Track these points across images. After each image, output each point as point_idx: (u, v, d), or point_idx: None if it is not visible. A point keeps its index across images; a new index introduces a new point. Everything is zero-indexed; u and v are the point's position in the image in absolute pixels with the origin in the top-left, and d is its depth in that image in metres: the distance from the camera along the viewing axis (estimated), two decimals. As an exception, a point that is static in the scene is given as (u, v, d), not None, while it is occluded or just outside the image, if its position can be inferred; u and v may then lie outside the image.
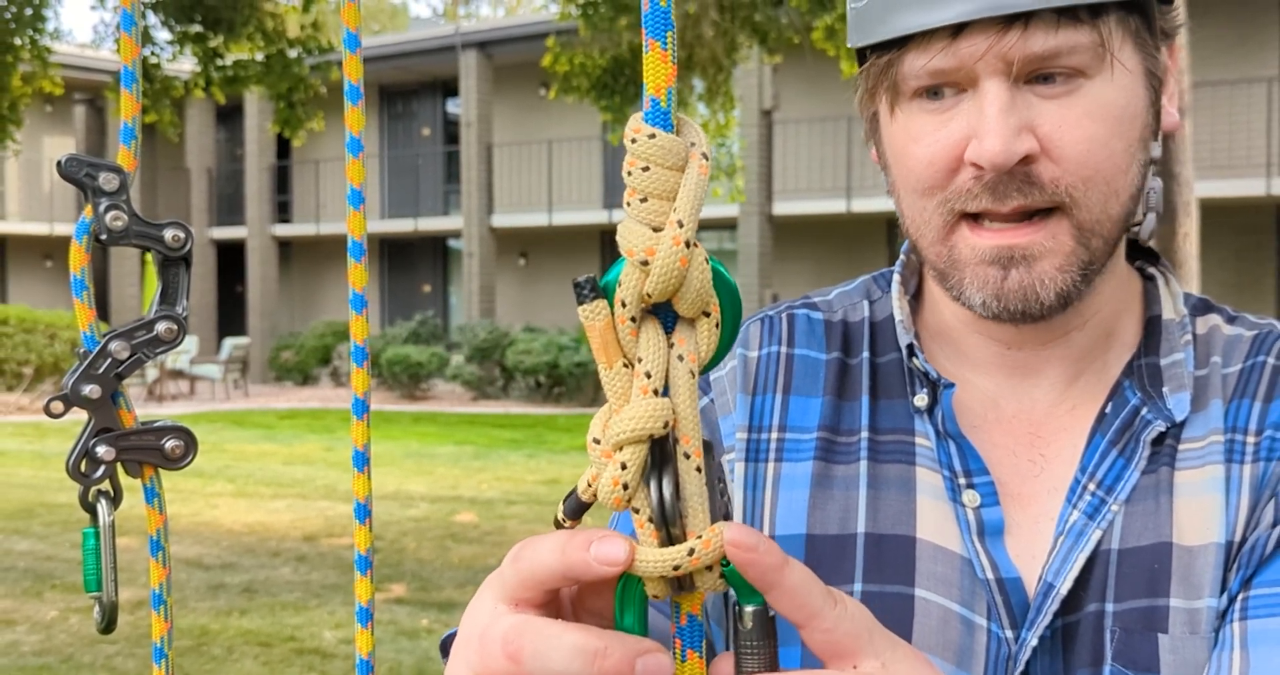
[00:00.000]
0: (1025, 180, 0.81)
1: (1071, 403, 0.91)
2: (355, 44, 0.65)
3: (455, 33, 22.64)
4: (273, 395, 21.36)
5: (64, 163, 0.61)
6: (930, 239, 0.86)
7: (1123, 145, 0.83)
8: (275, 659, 5.60)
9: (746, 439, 0.94)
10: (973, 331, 0.93)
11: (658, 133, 0.54)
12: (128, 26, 0.62)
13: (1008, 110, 0.80)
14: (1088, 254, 0.83)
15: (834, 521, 0.90)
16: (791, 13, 10.31)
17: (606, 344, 0.54)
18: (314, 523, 8.96)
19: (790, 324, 0.98)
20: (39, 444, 14.09)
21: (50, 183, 26.15)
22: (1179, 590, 0.83)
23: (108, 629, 0.63)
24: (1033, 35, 0.79)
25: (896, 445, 0.92)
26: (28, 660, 5.59)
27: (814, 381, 0.95)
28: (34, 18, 9.90)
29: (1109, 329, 0.92)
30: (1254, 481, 0.84)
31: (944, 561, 0.87)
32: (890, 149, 0.88)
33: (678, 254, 0.53)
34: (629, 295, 0.54)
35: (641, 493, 0.54)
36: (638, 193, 0.54)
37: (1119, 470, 0.86)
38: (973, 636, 0.85)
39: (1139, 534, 0.85)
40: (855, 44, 0.88)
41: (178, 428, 0.63)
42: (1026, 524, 0.88)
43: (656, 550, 0.54)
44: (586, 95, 11.11)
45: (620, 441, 0.53)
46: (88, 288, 0.61)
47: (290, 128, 10.90)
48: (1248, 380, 0.88)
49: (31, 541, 8.30)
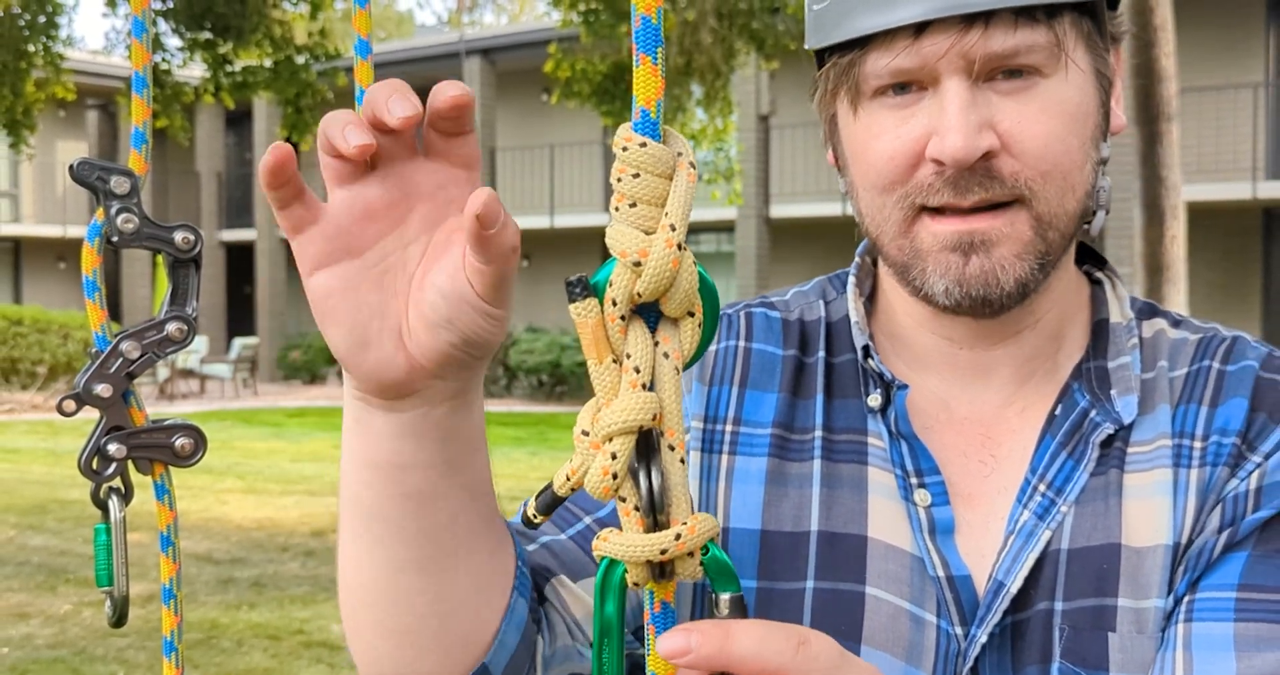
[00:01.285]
0: (986, 174, 0.81)
1: (1022, 404, 0.91)
2: (366, 50, 0.66)
3: (459, 40, 22.64)
4: (281, 394, 21.35)
5: (76, 167, 0.61)
6: (891, 234, 0.86)
7: (1077, 142, 0.83)
8: (283, 651, 5.60)
9: (702, 428, 0.94)
10: (926, 331, 0.92)
11: (648, 142, 0.55)
12: (139, 33, 0.62)
13: (969, 108, 0.80)
14: (1044, 245, 0.83)
15: (788, 518, 0.90)
16: (788, 20, 10.31)
17: (597, 341, 0.55)
18: (321, 518, 8.96)
19: (749, 321, 0.98)
20: (52, 441, 14.09)
21: (63, 186, 26.14)
22: (1127, 590, 0.83)
23: (119, 622, 0.63)
24: (993, 34, 0.79)
25: (850, 445, 0.91)
26: (41, 652, 5.59)
27: (770, 376, 0.95)
28: (47, 25, 9.91)
29: (1058, 331, 0.92)
30: (1200, 486, 0.84)
31: (895, 559, 0.87)
32: (850, 148, 0.88)
33: (670, 256, 0.54)
34: (620, 294, 0.55)
35: (628, 482, 0.55)
36: (627, 198, 0.55)
37: (1068, 471, 0.86)
38: (922, 633, 0.85)
39: (1088, 534, 0.84)
40: (816, 45, 0.88)
41: (187, 426, 0.63)
42: (977, 523, 0.87)
43: (644, 535, 0.55)
44: (588, 101, 11.11)
45: (610, 433, 0.54)
46: (100, 289, 0.61)
47: (298, 132, 10.90)
48: (1194, 385, 0.88)
49: (45, 537, 8.30)
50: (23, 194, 26.02)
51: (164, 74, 10.50)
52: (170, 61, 10.52)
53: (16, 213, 25.96)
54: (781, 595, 0.88)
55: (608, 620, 0.56)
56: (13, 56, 9.74)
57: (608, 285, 0.55)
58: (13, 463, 12.16)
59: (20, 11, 9.73)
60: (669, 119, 11.10)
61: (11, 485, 10.57)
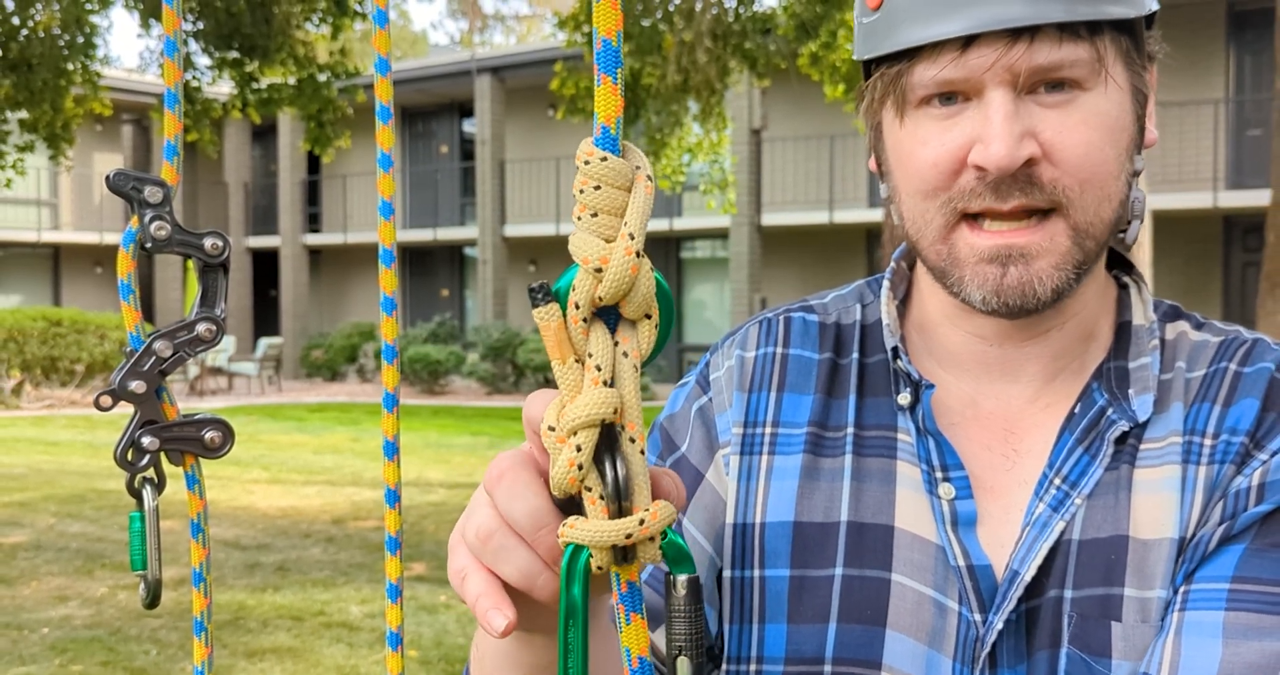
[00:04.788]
0: (1027, 181, 0.80)
1: (1046, 401, 0.90)
2: (385, 68, 0.65)
3: (471, 59, 22.62)
4: (304, 390, 21.34)
5: (113, 177, 0.61)
6: (931, 239, 0.85)
7: (1114, 152, 0.82)
8: (306, 632, 5.60)
9: (742, 433, 0.93)
10: (959, 329, 0.91)
11: (609, 156, 0.55)
12: (171, 53, 0.62)
13: (1013, 117, 0.79)
14: (1082, 254, 0.82)
15: (819, 510, 0.89)
16: (779, 40, 10.30)
17: (560, 342, 0.56)
18: (342, 507, 8.96)
19: (787, 326, 0.97)
20: (89, 435, 14.09)
21: (100, 196, 26.14)
22: (1133, 581, 0.82)
23: (152, 604, 0.62)
24: (1038, 49, 0.78)
25: (880, 440, 0.90)
26: (79, 633, 5.59)
27: (806, 379, 0.94)
28: (85, 45, 9.91)
29: (1087, 331, 0.90)
30: (1208, 482, 0.83)
31: (920, 549, 0.86)
32: (895, 154, 0.87)
33: (630, 263, 0.54)
34: (582, 298, 0.55)
35: (593, 473, 0.55)
36: (588, 208, 0.55)
37: (1084, 466, 0.85)
38: (945, 619, 0.84)
39: (1098, 526, 0.83)
40: (865, 56, 0.87)
41: (216, 420, 0.63)
42: (997, 515, 0.86)
43: (610, 521, 0.55)
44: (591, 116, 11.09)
45: (575, 426, 0.55)
46: (134, 292, 0.61)
47: (320, 145, 10.90)
48: (1209, 385, 0.86)
49: (83, 524, 8.30)
50: (62, 203, 26.01)
51: (194, 91, 10.50)
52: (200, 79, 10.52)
53: (56, 221, 25.95)
54: (812, 582, 0.88)
55: (573, 602, 0.56)
56: (53, 74, 9.74)
57: (571, 290, 0.55)
58: (52, 455, 12.16)
59: (60, 32, 9.72)
60: (668, 132, 11.10)
61: (51, 476, 10.57)
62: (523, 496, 0.60)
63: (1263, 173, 14.80)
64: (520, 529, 0.60)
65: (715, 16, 9.98)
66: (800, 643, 0.87)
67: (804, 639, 0.87)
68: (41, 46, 9.60)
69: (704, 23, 9.87)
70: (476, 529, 0.62)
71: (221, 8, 9.83)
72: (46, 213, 25.78)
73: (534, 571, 0.61)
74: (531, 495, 0.60)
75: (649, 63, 10.05)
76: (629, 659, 0.57)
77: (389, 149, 0.66)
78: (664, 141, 11.14)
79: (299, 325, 24.34)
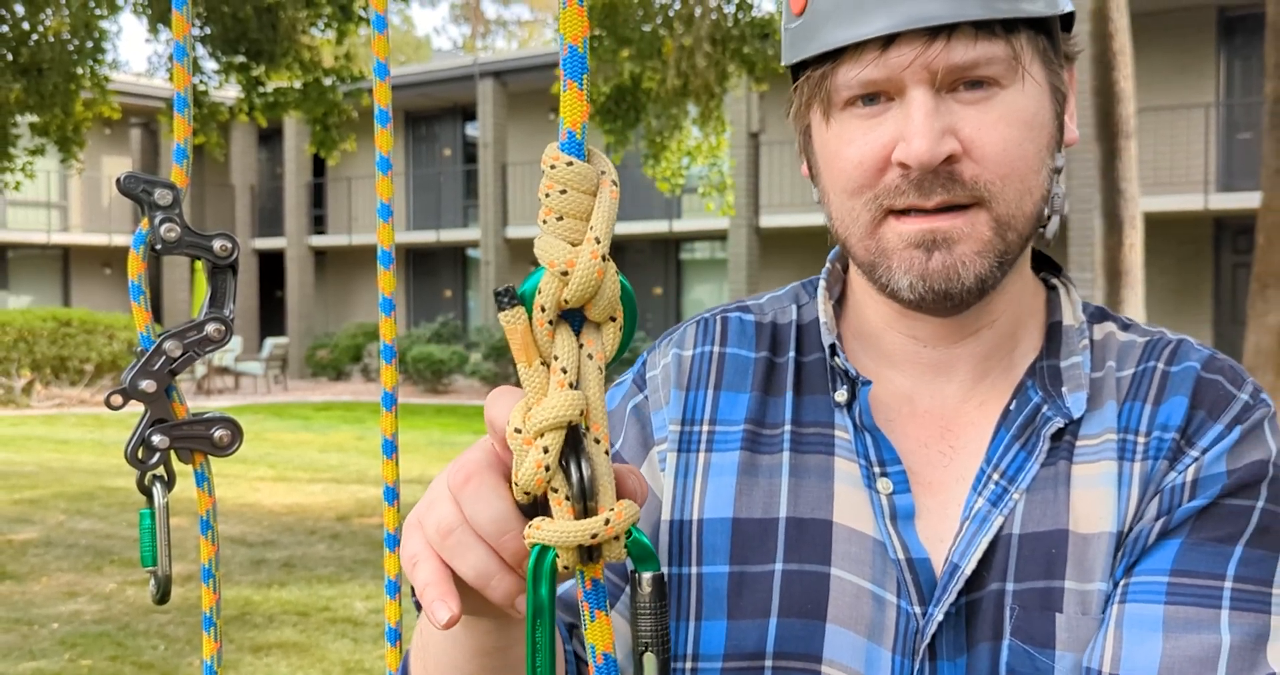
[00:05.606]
0: (949, 177, 0.81)
1: (980, 399, 0.90)
2: (384, 72, 0.65)
3: (473, 63, 22.61)
4: (309, 390, 21.34)
5: (122, 180, 0.61)
6: (859, 235, 0.85)
7: (1034, 148, 0.83)
8: (311, 627, 5.60)
9: (679, 431, 0.93)
10: (893, 330, 0.92)
11: (574, 161, 0.54)
12: (179, 57, 0.62)
13: (933, 115, 0.80)
14: (1003, 244, 0.83)
15: (758, 506, 0.89)
16: (776, 45, 10.30)
17: (526, 345, 0.55)
18: (346, 504, 8.96)
19: (724, 326, 0.97)
20: (99, 433, 14.09)
21: (109, 198, 26.13)
22: (1073, 573, 0.82)
23: (162, 600, 0.63)
24: (955, 47, 0.79)
25: (817, 437, 0.90)
26: (89, 627, 5.59)
27: (743, 378, 0.94)
28: (94, 50, 9.90)
29: (1015, 331, 0.91)
30: (1143, 477, 0.83)
31: (858, 543, 0.86)
32: (822, 155, 0.87)
33: (595, 266, 0.54)
34: (548, 301, 0.55)
35: (559, 474, 0.55)
36: (554, 212, 0.54)
37: (1021, 462, 0.85)
38: (883, 612, 0.84)
39: (1038, 520, 0.84)
40: (791, 60, 0.88)
41: (225, 419, 0.63)
42: (935, 510, 0.87)
43: (575, 522, 0.55)
44: (591, 120, 11.10)
45: (542, 428, 0.54)
46: (144, 292, 0.61)
47: (325, 148, 10.90)
48: (1139, 384, 0.87)
49: (93, 521, 8.30)
50: (71, 205, 26.01)
51: (202, 95, 10.50)
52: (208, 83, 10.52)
53: (66, 223, 25.94)
54: (752, 577, 0.87)
55: (540, 602, 0.56)
56: (63, 79, 9.73)
57: (537, 293, 0.55)
58: (63, 453, 12.16)
59: (70, 37, 9.72)
60: (667, 136, 11.10)
61: (62, 473, 10.57)
62: (488, 501, 0.59)
63: (1253, 175, 14.80)
64: (484, 533, 0.60)
65: (714, 22, 9.98)
66: (740, 638, 0.87)
67: (744, 634, 0.86)
68: (51, 51, 9.60)
69: (703, 28, 9.87)
70: (438, 523, 0.61)
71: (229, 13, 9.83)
72: (56, 215, 25.78)
73: (490, 571, 0.60)
74: (497, 499, 0.59)
75: (649, 67, 10.05)
76: (594, 656, 0.56)
77: (388, 152, 0.66)
78: (664, 145, 11.13)
79: (304, 325, 24.33)
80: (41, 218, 25.38)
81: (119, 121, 18.19)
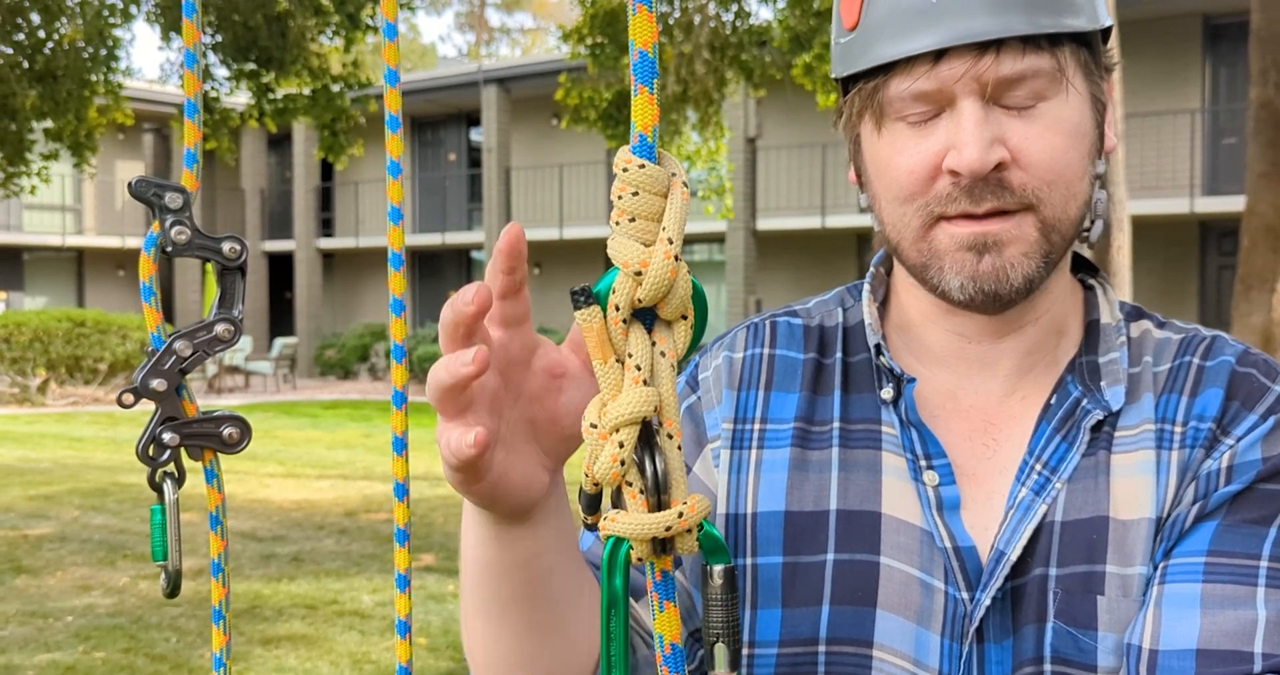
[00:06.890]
0: (998, 185, 0.82)
1: (1022, 394, 0.91)
2: (395, 79, 0.65)
3: (478, 70, 22.62)
4: (317, 388, 21.35)
5: (134, 184, 0.61)
6: (910, 239, 0.87)
7: (1078, 156, 0.84)
8: (320, 620, 5.60)
9: (732, 429, 0.94)
10: (938, 328, 0.93)
11: (646, 163, 0.55)
12: (191, 64, 0.62)
13: (983, 125, 0.81)
14: (1049, 245, 0.84)
15: (809, 500, 0.91)
16: (774, 52, 10.31)
17: (601, 343, 0.56)
18: (354, 500, 8.96)
19: (773, 329, 0.99)
20: (112, 431, 14.09)
21: (122, 201, 26.15)
22: (1114, 558, 0.84)
23: (173, 594, 0.62)
24: (1003, 60, 0.81)
25: (865, 433, 0.92)
26: (102, 621, 5.59)
27: (792, 378, 0.96)
28: (108, 57, 9.91)
29: (1057, 327, 0.92)
30: (1180, 465, 0.85)
31: (906, 533, 0.88)
32: (873, 164, 0.89)
33: (669, 266, 0.54)
34: (623, 300, 0.55)
35: (633, 468, 0.55)
36: (626, 214, 0.55)
37: (1062, 453, 0.87)
38: (932, 598, 0.86)
39: (1079, 508, 0.85)
40: (844, 73, 0.89)
41: (234, 417, 0.63)
42: (980, 500, 0.88)
43: (650, 515, 0.55)
44: (594, 125, 11.11)
45: (617, 424, 0.55)
46: (155, 294, 0.61)
47: (333, 153, 10.91)
48: (1175, 377, 0.89)
49: (105, 516, 8.30)
50: (85, 209, 26.03)
51: (212, 101, 10.51)
52: (218, 90, 10.53)
53: (80, 225, 25.96)
54: (805, 568, 0.89)
55: (615, 593, 0.56)
56: (77, 85, 9.74)
57: (611, 292, 0.55)
58: (76, 450, 12.17)
59: (84, 45, 9.73)
60: (666, 141, 11.10)
61: (75, 470, 10.57)
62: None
63: (1238, 180, 14.80)
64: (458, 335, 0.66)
65: (713, 29, 9.99)
66: (794, 626, 0.89)
67: (798, 622, 0.89)
68: (66, 59, 9.60)
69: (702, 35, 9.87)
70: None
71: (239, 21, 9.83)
72: (71, 218, 25.79)
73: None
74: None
75: (649, 74, 10.04)
76: (661, 645, 0.56)
77: (398, 157, 0.66)
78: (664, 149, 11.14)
79: (313, 326, 24.34)
80: (56, 221, 25.39)
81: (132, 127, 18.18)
